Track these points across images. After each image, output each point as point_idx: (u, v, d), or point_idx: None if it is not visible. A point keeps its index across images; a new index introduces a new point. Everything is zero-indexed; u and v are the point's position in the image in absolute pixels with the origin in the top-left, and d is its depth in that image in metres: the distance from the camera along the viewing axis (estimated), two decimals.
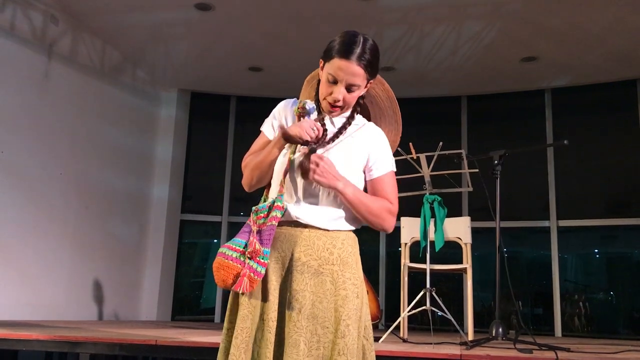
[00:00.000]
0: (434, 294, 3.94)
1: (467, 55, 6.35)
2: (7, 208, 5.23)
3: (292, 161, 1.72)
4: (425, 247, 4.10)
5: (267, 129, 1.85)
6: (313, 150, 1.69)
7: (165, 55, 6.85)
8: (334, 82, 1.69)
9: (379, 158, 1.77)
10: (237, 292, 1.68)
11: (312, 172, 1.64)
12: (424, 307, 3.93)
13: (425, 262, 4.12)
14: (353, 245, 1.75)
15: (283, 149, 1.73)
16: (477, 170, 4.20)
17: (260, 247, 1.64)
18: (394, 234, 4.35)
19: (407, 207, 4.67)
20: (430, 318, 3.89)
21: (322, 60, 1.73)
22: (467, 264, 4.22)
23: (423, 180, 4.27)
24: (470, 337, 4.01)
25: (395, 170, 1.82)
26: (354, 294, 1.68)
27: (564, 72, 6.79)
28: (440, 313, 3.93)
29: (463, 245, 4.32)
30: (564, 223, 6.86)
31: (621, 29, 5.68)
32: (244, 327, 1.65)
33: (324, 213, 1.71)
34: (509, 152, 4.04)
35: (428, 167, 4.25)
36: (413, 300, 3.99)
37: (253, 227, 1.68)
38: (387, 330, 3.96)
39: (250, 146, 1.88)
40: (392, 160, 1.82)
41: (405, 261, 4.28)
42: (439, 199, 4.16)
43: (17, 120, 5.40)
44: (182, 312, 7.58)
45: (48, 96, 5.77)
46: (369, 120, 1.88)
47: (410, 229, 4.40)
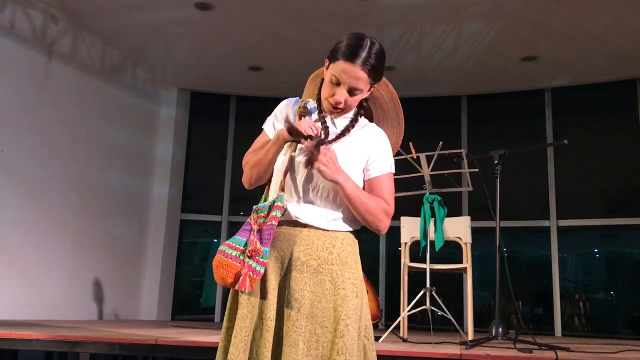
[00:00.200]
0: (433, 293, 3.94)
1: (467, 54, 6.35)
2: (7, 208, 5.24)
3: (292, 161, 1.72)
4: (425, 246, 4.10)
5: (268, 128, 1.85)
6: (321, 142, 1.67)
7: (165, 54, 6.85)
8: (337, 84, 1.68)
9: (378, 158, 1.76)
10: (236, 290, 1.69)
11: (318, 161, 1.61)
12: (424, 307, 3.93)
13: (425, 262, 4.12)
14: (352, 245, 1.75)
15: (282, 147, 1.73)
16: (477, 169, 4.20)
17: (260, 246, 1.64)
18: (394, 233, 4.36)
19: (407, 206, 4.67)
20: (430, 318, 3.88)
21: (327, 60, 1.72)
22: (467, 263, 4.22)
23: (423, 180, 4.27)
24: (470, 336, 4.01)
25: (394, 172, 1.80)
26: (353, 294, 1.67)
27: (564, 72, 6.79)
28: (440, 313, 3.93)
29: (463, 245, 4.32)
30: (564, 223, 6.86)
31: (621, 28, 5.68)
32: (243, 326, 1.65)
33: (323, 213, 1.71)
34: (509, 152, 4.04)
35: (428, 167, 4.25)
36: (413, 300, 3.99)
37: (254, 226, 1.68)
38: (387, 330, 3.97)
39: (250, 145, 1.88)
40: (392, 162, 1.80)
41: (405, 261, 4.28)
42: (439, 198, 4.16)
43: (17, 120, 5.40)
44: (182, 312, 7.58)
45: (48, 95, 5.77)
46: (372, 121, 1.87)
47: (410, 229, 4.40)
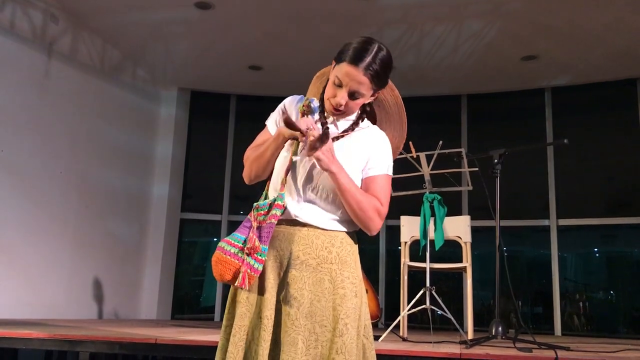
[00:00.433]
0: (433, 292, 3.94)
1: (467, 54, 6.35)
2: (7, 207, 5.24)
3: (294, 161, 1.72)
4: (425, 245, 4.10)
5: (271, 124, 1.85)
6: (326, 130, 1.67)
7: (165, 54, 6.85)
8: (340, 86, 1.67)
9: (376, 159, 1.75)
10: (235, 289, 1.71)
11: (318, 149, 1.59)
12: (423, 306, 3.93)
13: (425, 261, 4.12)
14: (352, 244, 1.75)
15: (281, 144, 1.72)
16: (477, 169, 4.20)
17: (259, 244, 1.65)
18: (394, 232, 4.37)
19: (407, 206, 4.68)
20: (430, 317, 3.88)
21: (334, 61, 1.71)
22: (466, 262, 4.21)
23: (423, 179, 4.27)
24: (470, 336, 4.01)
25: (391, 176, 1.79)
26: (352, 293, 1.67)
27: (564, 71, 6.79)
28: (440, 312, 3.93)
29: (463, 244, 4.32)
30: (564, 222, 6.86)
31: (621, 28, 5.68)
32: (242, 325, 1.66)
33: (323, 213, 1.71)
34: (509, 151, 4.04)
35: (428, 166, 4.25)
36: (413, 299, 3.99)
37: (253, 223, 1.69)
38: (386, 329, 3.97)
39: (250, 144, 1.89)
40: (390, 165, 1.79)
41: (405, 260, 4.28)
42: (439, 197, 4.16)
43: (17, 119, 5.40)
44: (182, 311, 7.58)
45: (48, 95, 5.77)
46: (374, 123, 1.86)
47: (410, 228, 4.40)
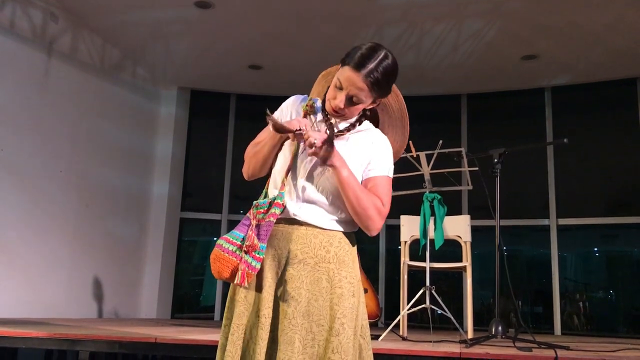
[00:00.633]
0: (433, 292, 3.94)
1: (468, 53, 6.35)
2: (7, 206, 5.24)
3: (295, 160, 1.72)
4: (425, 245, 4.10)
5: None
6: (332, 126, 1.69)
7: (165, 53, 6.85)
8: (341, 89, 1.67)
9: (377, 160, 1.75)
10: (234, 288, 1.72)
11: (321, 146, 1.57)
12: (423, 305, 3.93)
13: (425, 261, 4.12)
14: (350, 245, 1.75)
15: (278, 142, 1.73)
16: (477, 168, 4.20)
17: (257, 242, 1.65)
18: (394, 232, 4.36)
19: (407, 205, 4.68)
20: (430, 316, 3.89)
21: (340, 62, 1.71)
22: (466, 262, 4.22)
23: (423, 179, 4.27)
24: (470, 335, 4.02)
25: (392, 178, 1.78)
26: (349, 293, 1.68)
27: (564, 71, 6.79)
28: (439, 311, 3.94)
29: (463, 244, 4.32)
30: (564, 221, 6.86)
31: (621, 27, 5.68)
32: (240, 323, 1.67)
33: (322, 213, 1.71)
34: (509, 151, 4.04)
35: (428, 165, 4.25)
36: (413, 299, 3.99)
37: (252, 221, 1.70)
38: (386, 329, 3.97)
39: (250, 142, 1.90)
40: (391, 167, 1.79)
41: (405, 259, 4.28)
42: (439, 197, 4.16)
43: (17, 118, 5.40)
44: (182, 310, 7.58)
45: (48, 94, 5.77)
46: (377, 126, 1.86)
47: (410, 227, 4.40)
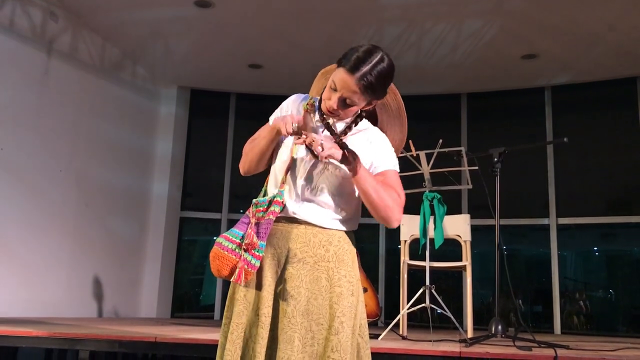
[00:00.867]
0: (433, 291, 3.94)
1: (468, 52, 6.34)
2: (7, 206, 5.23)
3: (294, 159, 1.73)
4: (425, 244, 4.10)
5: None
6: (329, 126, 1.73)
7: (165, 52, 6.84)
8: (335, 90, 1.67)
9: (381, 157, 1.75)
10: (234, 287, 1.72)
11: (324, 151, 1.58)
12: (423, 305, 3.93)
13: (424, 260, 4.12)
14: (350, 244, 1.76)
15: (275, 137, 1.73)
16: (476, 167, 4.19)
17: (256, 240, 1.65)
18: (394, 231, 4.37)
19: (407, 204, 4.63)
20: (430, 315, 3.88)
21: (336, 63, 1.70)
22: (466, 261, 4.21)
23: (423, 178, 4.27)
24: (470, 334, 4.01)
25: (399, 171, 1.78)
26: (349, 292, 1.68)
27: (564, 70, 6.78)
28: (439, 310, 3.93)
29: (462, 243, 4.32)
30: (564, 221, 6.86)
31: (621, 26, 5.67)
32: (239, 322, 1.67)
33: (322, 212, 1.71)
34: (509, 150, 4.04)
35: (428, 165, 4.25)
36: (412, 298, 3.99)
37: (252, 220, 1.70)
38: (386, 328, 3.97)
39: None
40: (396, 161, 1.79)
41: (405, 258, 4.28)
42: (439, 196, 4.16)
43: (16, 118, 5.39)
44: (182, 309, 7.59)
45: (48, 93, 5.76)
46: (376, 124, 1.86)
47: (409, 227, 4.39)
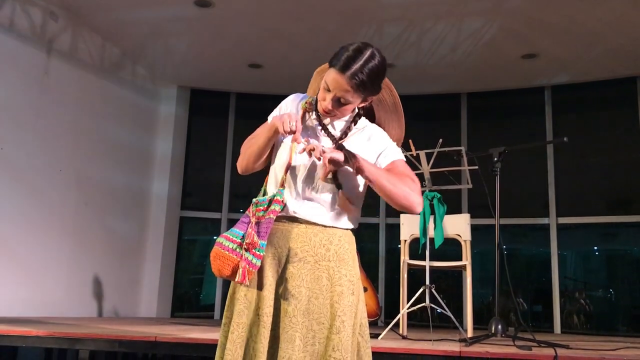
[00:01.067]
0: (433, 290, 3.94)
1: (468, 52, 6.34)
2: (7, 205, 5.23)
3: (294, 158, 1.72)
4: (425, 244, 4.10)
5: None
6: (325, 127, 1.74)
7: (165, 52, 6.84)
8: (328, 90, 1.67)
9: (386, 151, 1.76)
10: (234, 287, 1.72)
11: (326, 156, 1.58)
12: (423, 304, 3.93)
13: (424, 259, 4.12)
14: (350, 242, 1.75)
15: (274, 135, 1.72)
16: (476, 167, 4.20)
17: (257, 239, 1.65)
18: (394, 231, 4.36)
19: None
20: (430, 315, 3.88)
21: (328, 63, 1.70)
22: (466, 261, 4.21)
23: (423, 177, 4.27)
24: (470, 334, 4.02)
25: (405, 161, 1.78)
26: (349, 291, 1.68)
27: (564, 69, 6.78)
28: (439, 310, 3.93)
29: (462, 242, 4.32)
30: (564, 220, 6.86)
31: (621, 26, 5.67)
32: (240, 322, 1.67)
33: (322, 210, 1.71)
34: (509, 149, 4.03)
35: (428, 164, 4.25)
36: (412, 297, 3.99)
37: (252, 219, 1.69)
38: (386, 327, 3.97)
39: None
40: (399, 150, 1.80)
41: (405, 258, 4.28)
42: (439, 195, 4.16)
43: (16, 117, 5.39)
44: (182, 309, 7.59)
45: (47, 93, 5.76)
46: (373, 121, 1.86)
47: (409, 226, 4.40)
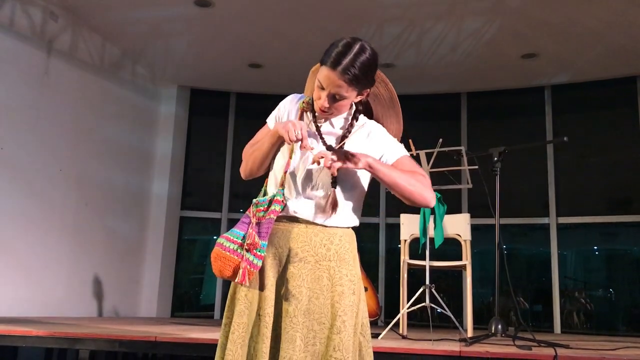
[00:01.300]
0: (433, 290, 3.95)
1: (467, 51, 6.34)
2: (7, 205, 5.23)
3: (293, 157, 1.73)
4: (425, 243, 4.10)
5: (271, 121, 1.86)
6: (318, 128, 1.75)
7: (165, 51, 6.84)
8: (322, 88, 1.67)
9: (389, 148, 1.75)
10: (235, 287, 1.72)
11: (334, 160, 1.58)
12: (423, 304, 3.93)
13: (424, 259, 4.12)
14: (351, 242, 1.75)
15: (277, 141, 1.73)
16: (476, 167, 4.20)
17: (258, 239, 1.65)
18: (394, 230, 4.36)
19: (407, 204, 4.68)
20: (430, 315, 3.89)
21: (319, 62, 1.70)
22: (466, 260, 4.22)
23: None
24: (470, 333, 4.02)
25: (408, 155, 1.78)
26: (350, 291, 1.68)
27: (564, 69, 6.78)
28: (439, 310, 3.93)
29: (462, 242, 4.32)
30: (564, 220, 6.86)
31: (621, 25, 5.67)
32: (240, 322, 1.67)
33: (322, 209, 1.70)
34: (509, 149, 4.03)
35: (428, 164, 4.24)
36: (412, 297, 3.99)
37: (252, 219, 1.69)
38: (386, 327, 3.97)
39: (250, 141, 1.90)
40: (401, 145, 1.79)
41: (405, 258, 4.28)
42: (439, 195, 4.16)
43: (16, 117, 5.39)
44: (182, 309, 7.59)
45: (47, 93, 5.76)
46: (372, 117, 1.86)
47: (409, 226, 4.40)
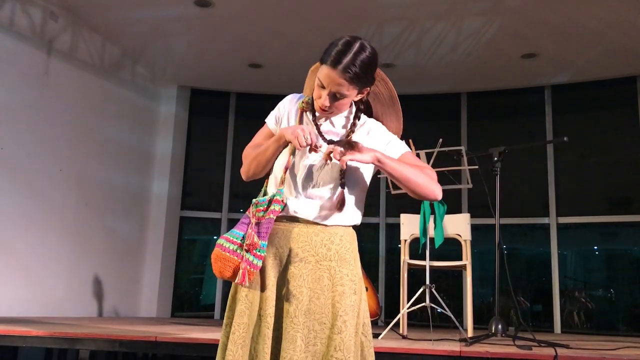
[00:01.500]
0: (433, 290, 3.95)
1: (467, 51, 6.34)
2: (7, 205, 5.23)
3: (293, 157, 1.72)
4: (425, 243, 4.10)
5: (271, 122, 1.86)
6: (317, 126, 1.74)
7: (165, 51, 6.84)
8: (323, 87, 1.67)
9: (391, 146, 1.75)
10: (236, 287, 1.72)
11: (344, 153, 1.58)
12: (423, 304, 3.93)
13: (424, 259, 4.13)
14: (351, 241, 1.75)
15: (282, 146, 1.73)
16: (476, 167, 4.20)
17: (258, 240, 1.65)
18: (394, 230, 4.36)
19: (407, 204, 4.67)
20: (430, 315, 3.89)
21: (319, 61, 1.70)
22: (466, 260, 4.22)
23: None
24: (470, 333, 4.02)
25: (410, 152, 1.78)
26: (351, 290, 1.68)
27: (564, 69, 6.78)
28: (439, 310, 3.94)
29: (462, 242, 4.32)
30: (564, 220, 6.86)
31: (621, 25, 5.67)
32: (241, 322, 1.66)
33: (323, 209, 1.71)
34: (509, 149, 4.03)
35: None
36: (413, 297, 3.99)
37: (252, 220, 1.69)
38: (386, 327, 3.97)
39: (250, 141, 1.89)
40: (402, 142, 1.79)
41: (405, 258, 4.28)
42: None
43: (16, 117, 5.39)
44: (182, 309, 7.59)
45: (47, 93, 5.76)
46: (371, 116, 1.86)
47: (409, 226, 4.40)
